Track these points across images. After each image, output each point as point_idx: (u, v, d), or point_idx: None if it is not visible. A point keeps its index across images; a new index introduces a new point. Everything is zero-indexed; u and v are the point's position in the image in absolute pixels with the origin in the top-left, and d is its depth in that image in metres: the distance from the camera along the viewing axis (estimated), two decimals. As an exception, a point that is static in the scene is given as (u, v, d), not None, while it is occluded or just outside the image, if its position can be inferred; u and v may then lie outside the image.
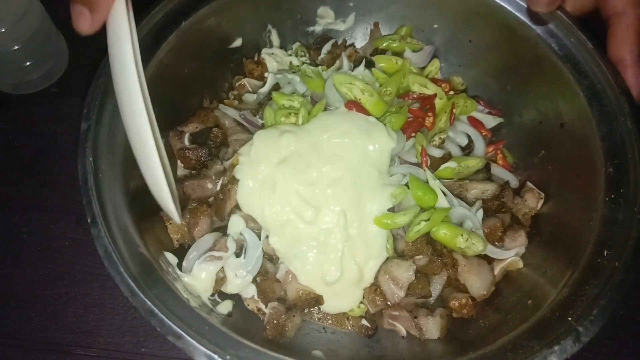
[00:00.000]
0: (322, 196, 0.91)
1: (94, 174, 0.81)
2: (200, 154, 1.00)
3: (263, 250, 0.94)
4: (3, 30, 1.11)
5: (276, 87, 1.10)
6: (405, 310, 0.91)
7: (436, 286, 0.92)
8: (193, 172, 1.02)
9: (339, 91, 1.00)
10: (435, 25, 1.15)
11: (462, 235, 0.90)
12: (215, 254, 0.91)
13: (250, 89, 1.13)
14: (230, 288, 0.92)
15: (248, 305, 0.94)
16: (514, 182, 1.04)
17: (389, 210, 0.93)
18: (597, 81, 0.90)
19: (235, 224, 0.94)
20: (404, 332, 0.92)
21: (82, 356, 1.02)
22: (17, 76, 1.24)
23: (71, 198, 1.15)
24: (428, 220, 0.89)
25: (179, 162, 1.03)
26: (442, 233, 0.90)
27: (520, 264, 0.95)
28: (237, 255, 0.93)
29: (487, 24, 1.06)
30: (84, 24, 0.67)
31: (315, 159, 0.93)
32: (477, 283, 0.92)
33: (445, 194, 0.95)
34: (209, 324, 0.74)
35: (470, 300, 0.91)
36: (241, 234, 0.93)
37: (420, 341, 0.90)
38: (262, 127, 1.01)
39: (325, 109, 0.99)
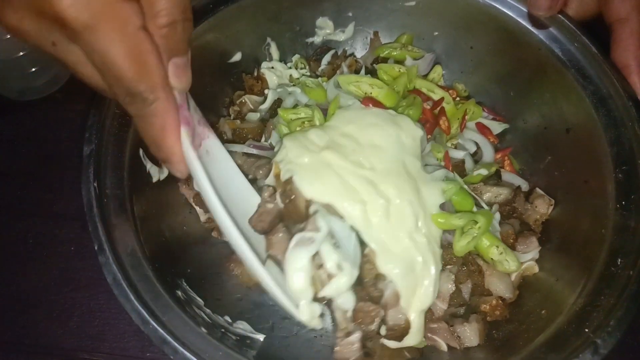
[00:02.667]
0: (384, 185, 0.76)
1: (99, 199, 0.75)
2: None
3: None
4: (8, 36, 1.05)
5: (277, 102, 1.03)
6: (442, 322, 0.83)
7: (464, 295, 0.85)
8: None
9: (348, 91, 0.93)
10: (436, 33, 1.10)
11: (497, 247, 0.83)
12: (307, 234, 0.67)
13: (251, 106, 1.05)
14: (331, 289, 0.67)
15: (340, 324, 0.73)
16: (524, 185, 0.97)
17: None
18: (603, 86, 0.85)
19: (319, 217, 0.71)
20: (444, 347, 0.82)
21: (87, 361, 0.97)
22: (22, 83, 1.19)
23: (76, 204, 1.08)
24: (478, 227, 0.80)
25: (197, 208, 0.96)
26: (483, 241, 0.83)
27: (536, 269, 0.89)
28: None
29: (488, 30, 1.01)
30: (176, 173, 0.65)
31: (356, 147, 0.79)
32: (502, 286, 0.85)
33: (475, 199, 0.87)
34: (222, 350, 0.69)
35: (500, 301, 0.85)
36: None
37: (461, 351, 0.82)
38: (273, 148, 0.93)
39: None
